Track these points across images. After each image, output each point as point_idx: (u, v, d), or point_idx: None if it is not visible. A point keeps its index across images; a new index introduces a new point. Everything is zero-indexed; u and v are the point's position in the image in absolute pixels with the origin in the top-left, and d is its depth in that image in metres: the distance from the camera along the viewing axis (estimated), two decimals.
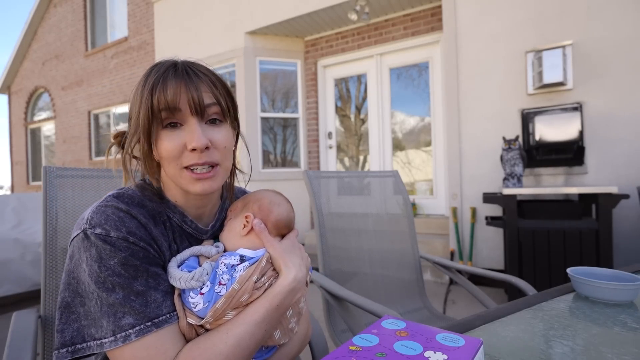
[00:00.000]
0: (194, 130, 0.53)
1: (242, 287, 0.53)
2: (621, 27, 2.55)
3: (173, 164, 0.55)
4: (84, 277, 0.50)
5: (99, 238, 0.49)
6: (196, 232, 0.62)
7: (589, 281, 0.72)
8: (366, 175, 1.65)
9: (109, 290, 0.48)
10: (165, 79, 0.53)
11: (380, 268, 1.52)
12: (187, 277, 0.52)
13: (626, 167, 2.54)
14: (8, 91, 9.19)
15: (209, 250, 0.59)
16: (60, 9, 7.66)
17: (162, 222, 0.58)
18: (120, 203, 0.54)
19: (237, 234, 0.61)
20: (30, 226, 3.03)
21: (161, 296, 0.51)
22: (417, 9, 3.73)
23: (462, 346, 0.40)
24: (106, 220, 0.51)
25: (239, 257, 0.56)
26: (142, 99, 0.53)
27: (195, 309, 0.52)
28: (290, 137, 4.58)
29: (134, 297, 0.49)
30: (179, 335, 0.52)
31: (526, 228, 2.31)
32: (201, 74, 0.56)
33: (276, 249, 0.58)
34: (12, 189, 9.19)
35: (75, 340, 0.50)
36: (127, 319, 0.48)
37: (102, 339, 0.48)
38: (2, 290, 2.61)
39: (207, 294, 0.52)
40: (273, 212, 0.62)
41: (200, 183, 0.55)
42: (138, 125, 0.54)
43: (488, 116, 2.98)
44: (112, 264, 0.49)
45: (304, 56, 4.48)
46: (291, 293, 0.56)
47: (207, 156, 0.55)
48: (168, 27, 5.19)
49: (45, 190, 0.90)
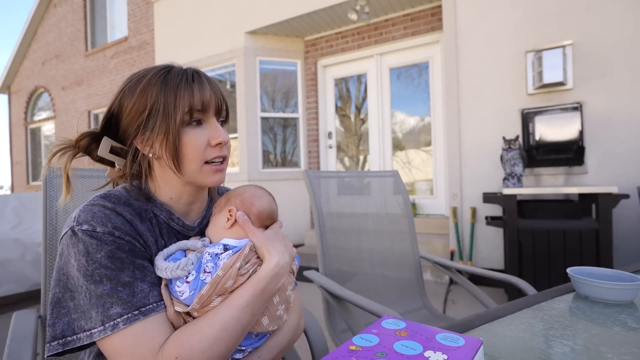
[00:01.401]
0: (218, 127, 0.61)
1: (226, 274, 0.55)
2: (621, 27, 2.55)
3: (196, 160, 0.59)
4: (73, 272, 0.52)
5: (85, 234, 0.52)
6: (183, 229, 0.65)
7: (589, 281, 0.72)
8: (366, 175, 1.65)
9: (97, 282, 0.51)
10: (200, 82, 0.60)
11: (380, 268, 1.52)
12: (173, 267, 0.54)
13: (626, 167, 2.54)
14: (8, 91, 9.19)
15: (195, 244, 0.62)
16: (60, 8, 7.66)
17: (149, 219, 0.60)
18: (107, 202, 0.56)
19: (222, 227, 0.64)
20: (30, 226, 3.03)
21: (148, 287, 0.54)
22: (417, 9, 3.73)
23: (462, 346, 0.40)
24: (92, 217, 0.53)
25: (223, 247, 0.59)
26: (177, 96, 0.57)
27: (182, 297, 0.54)
28: (290, 137, 4.58)
29: (121, 287, 0.51)
30: (166, 324, 0.53)
31: (526, 228, 2.31)
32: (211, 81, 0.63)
33: (259, 237, 0.61)
34: (12, 189, 9.19)
35: (65, 333, 0.52)
36: (115, 308, 0.50)
37: (91, 329, 0.50)
38: (2, 290, 2.61)
39: (192, 282, 0.54)
40: (255, 204, 0.65)
41: (217, 175, 0.62)
42: (170, 123, 0.56)
43: (488, 116, 2.98)
44: (99, 257, 0.51)
45: (304, 56, 4.48)
46: (275, 278, 0.58)
47: (224, 150, 0.62)
48: (168, 27, 5.19)
49: (45, 190, 0.90)
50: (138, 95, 0.58)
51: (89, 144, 0.62)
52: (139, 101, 0.58)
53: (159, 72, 0.59)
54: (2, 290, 2.61)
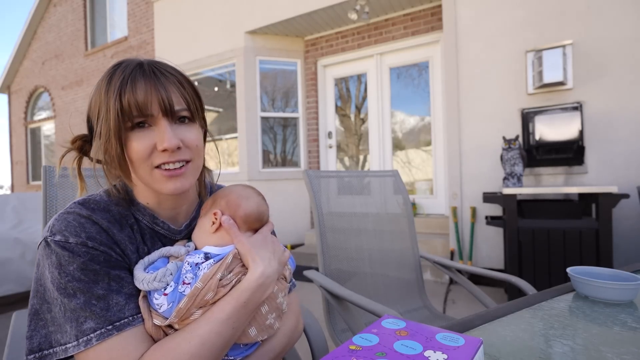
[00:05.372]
0: (165, 131, 0.54)
1: (206, 285, 0.52)
2: (621, 27, 2.55)
3: (143, 165, 0.54)
4: (48, 284, 0.50)
5: (58, 245, 0.50)
6: (169, 233, 0.62)
7: (589, 281, 0.72)
8: (366, 175, 1.65)
9: (70, 295, 0.49)
10: (134, 80, 0.53)
11: (380, 267, 1.52)
12: (150, 279, 0.52)
13: (626, 167, 2.54)
14: (8, 91, 9.18)
15: (178, 250, 0.59)
16: (60, 8, 7.65)
17: (129, 225, 0.58)
18: (83, 209, 0.54)
19: (207, 232, 0.60)
20: (30, 226, 3.03)
21: (124, 299, 0.51)
22: (417, 9, 3.73)
23: (462, 346, 0.40)
24: (66, 227, 0.51)
25: (204, 255, 0.56)
26: (109, 100, 0.52)
27: (160, 309, 0.51)
28: (290, 136, 4.58)
29: (95, 301, 0.49)
30: (143, 337, 0.51)
31: (526, 228, 2.31)
32: (169, 74, 0.56)
33: (244, 244, 0.57)
34: (12, 189, 9.19)
35: (42, 346, 0.50)
36: (89, 323, 0.48)
37: (66, 344, 0.49)
38: (2, 290, 2.61)
39: (170, 294, 0.52)
40: (241, 206, 0.61)
41: (172, 182, 0.55)
42: (108, 128, 0.53)
43: (488, 116, 2.98)
44: (71, 269, 0.49)
45: (304, 56, 4.48)
46: (260, 289, 0.55)
47: (178, 155, 0.55)
48: (168, 27, 5.19)
49: (45, 190, 0.90)
50: (91, 100, 0.57)
51: (83, 146, 0.60)
52: (90, 107, 0.57)
53: (107, 73, 0.55)
54: (2, 290, 2.61)
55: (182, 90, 0.56)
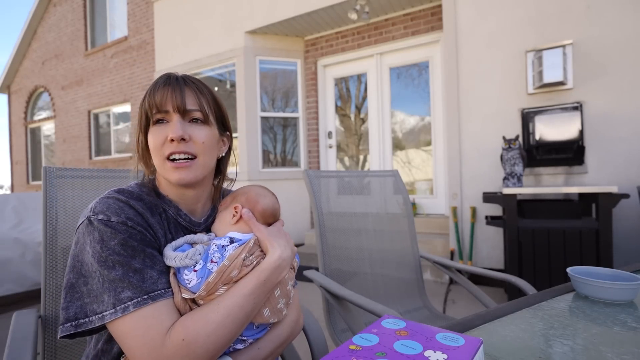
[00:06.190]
0: (175, 124, 0.62)
1: (232, 263, 0.58)
2: (621, 27, 2.55)
3: (158, 155, 0.63)
4: (88, 259, 0.56)
5: (101, 222, 0.56)
6: (190, 225, 0.69)
7: (589, 281, 0.72)
8: (366, 175, 1.65)
9: (110, 267, 0.54)
10: (159, 85, 0.64)
11: (380, 267, 1.52)
12: (182, 256, 0.58)
13: (626, 167, 2.54)
14: (8, 90, 9.18)
15: (202, 237, 0.66)
16: (60, 8, 7.66)
17: (159, 213, 0.65)
18: (121, 195, 0.61)
19: (227, 223, 0.68)
20: (30, 226, 3.03)
21: (157, 274, 0.57)
22: (417, 8, 3.73)
23: (462, 346, 0.40)
24: (107, 208, 0.58)
25: (229, 239, 0.63)
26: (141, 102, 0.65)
27: (189, 284, 0.57)
28: (290, 136, 4.58)
29: (132, 273, 0.55)
30: (173, 309, 0.57)
31: (526, 227, 2.31)
32: (190, 82, 0.66)
33: (263, 232, 0.65)
34: (12, 189, 9.19)
35: (78, 315, 0.55)
36: (126, 292, 0.53)
37: (103, 312, 0.54)
38: (2, 290, 2.61)
39: (200, 271, 0.58)
40: (260, 202, 0.69)
41: (178, 172, 0.62)
42: (138, 124, 0.66)
43: (488, 116, 2.98)
44: (112, 244, 0.55)
45: (304, 55, 4.48)
46: (277, 269, 0.62)
47: (184, 147, 0.62)
48: (168, 27, 5.19)
49: (45, 190, 0.90)
50: None
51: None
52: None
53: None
54: (2, 289, 2.61)
55: (198, 94, 0.65)
